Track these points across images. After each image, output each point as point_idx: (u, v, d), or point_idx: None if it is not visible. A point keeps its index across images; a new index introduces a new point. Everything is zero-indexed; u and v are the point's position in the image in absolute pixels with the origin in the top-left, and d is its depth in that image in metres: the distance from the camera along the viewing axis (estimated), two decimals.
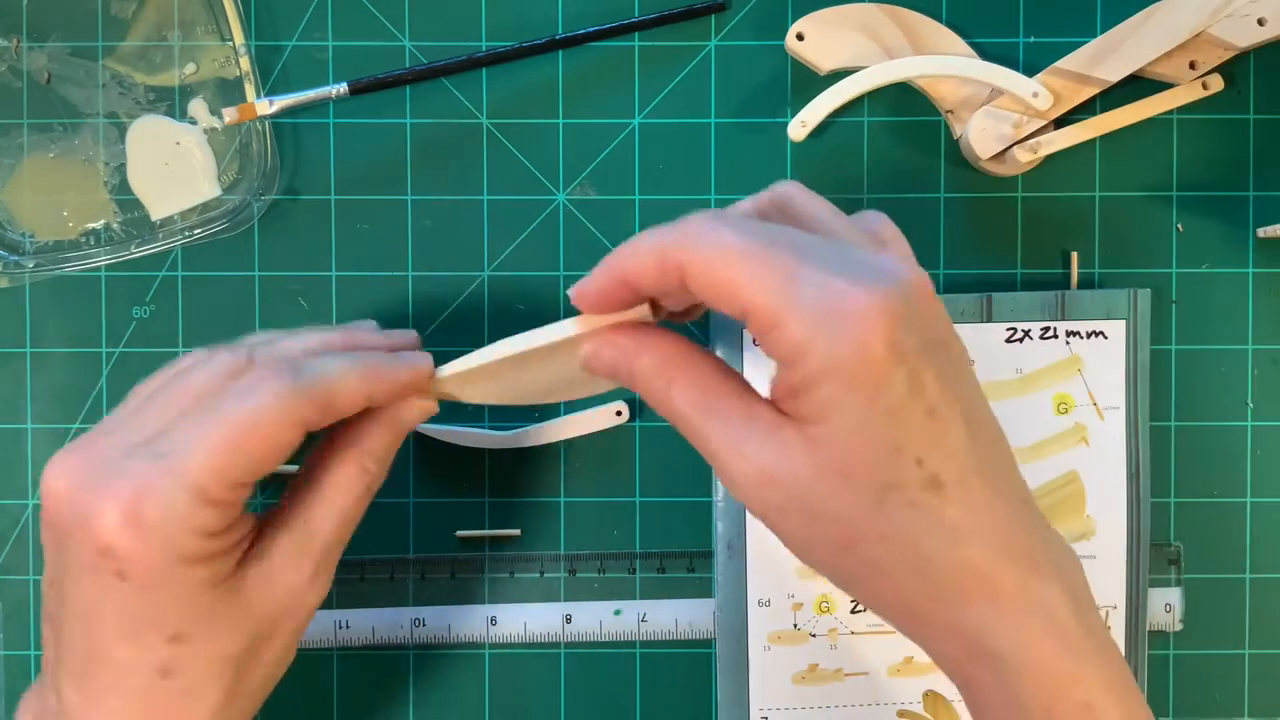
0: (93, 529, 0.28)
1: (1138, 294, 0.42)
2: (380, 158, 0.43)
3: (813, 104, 0.41)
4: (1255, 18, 0.41)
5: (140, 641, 0.30)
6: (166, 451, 0.29)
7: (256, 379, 0.30)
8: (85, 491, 0.29)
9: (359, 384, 0.31)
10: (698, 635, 0.43)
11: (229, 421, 0.29)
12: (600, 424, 0.43)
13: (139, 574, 0.29)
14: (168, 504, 0.28)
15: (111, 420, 0.32)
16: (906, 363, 0.27)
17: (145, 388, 0.33)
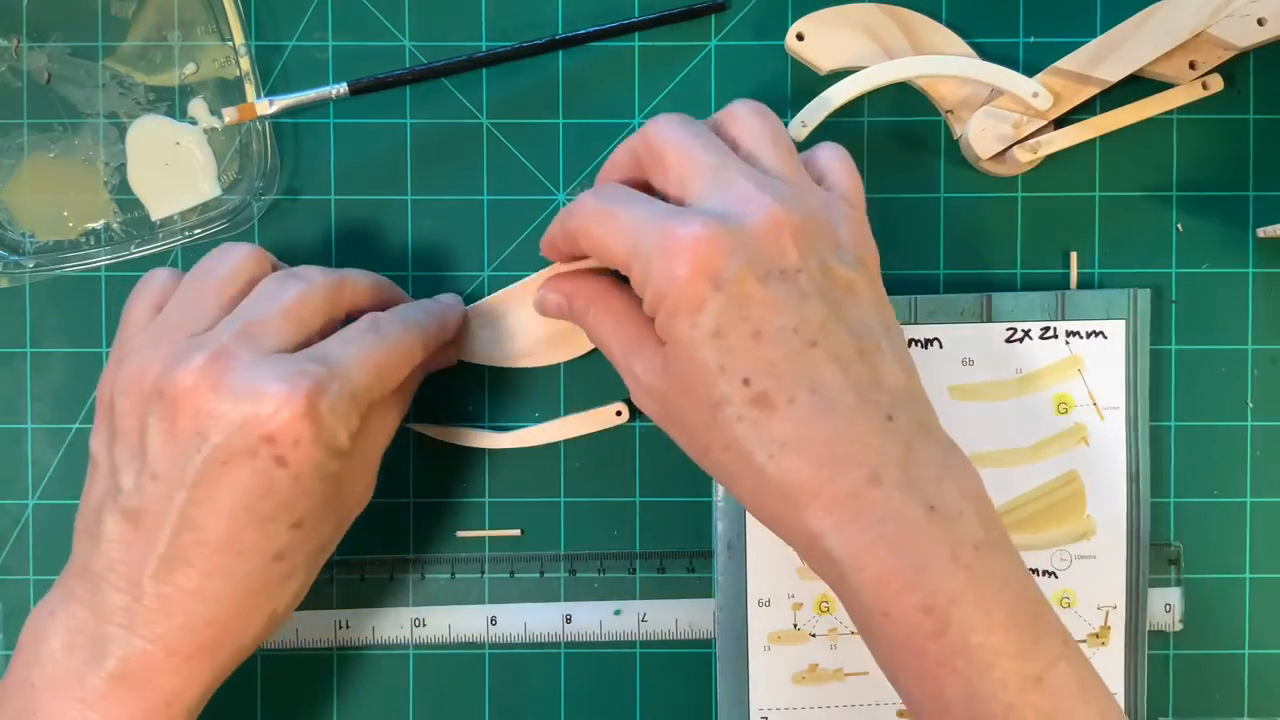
0: (263, 418, 0.32)
1: (1138, 294, 0.42)
2: (380, 158, 0.43)
3: (813, 104, 0.41)
4: (1255, 18, 0.41)
5: (270, 526, 0.33)
6: (334, 362, 0.34)
7: (383, 322, 0.36)
8: (250, 386, 0.32)
9: (439, 333, 0.39)
10: (698, 635, 0.43)
11: (375, 350, 0.35)
12: (600, 424, 0.43)
13: (297, 461, 0.32)
14: (335, 403, 0.33)
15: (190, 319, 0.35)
16: (725, 289, 0.31)
17: (204, 280, 0.36)
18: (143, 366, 0.33)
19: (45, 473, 0.43)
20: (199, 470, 0.32)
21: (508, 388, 0.43)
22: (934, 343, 0.42)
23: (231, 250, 0.36)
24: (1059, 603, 0.42)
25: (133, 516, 0.33)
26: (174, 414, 0.32)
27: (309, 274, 0.36)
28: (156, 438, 0.33)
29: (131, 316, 0.36)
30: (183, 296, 0.36)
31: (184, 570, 0.32)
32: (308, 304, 0.35)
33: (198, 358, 0.32)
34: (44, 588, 0.43)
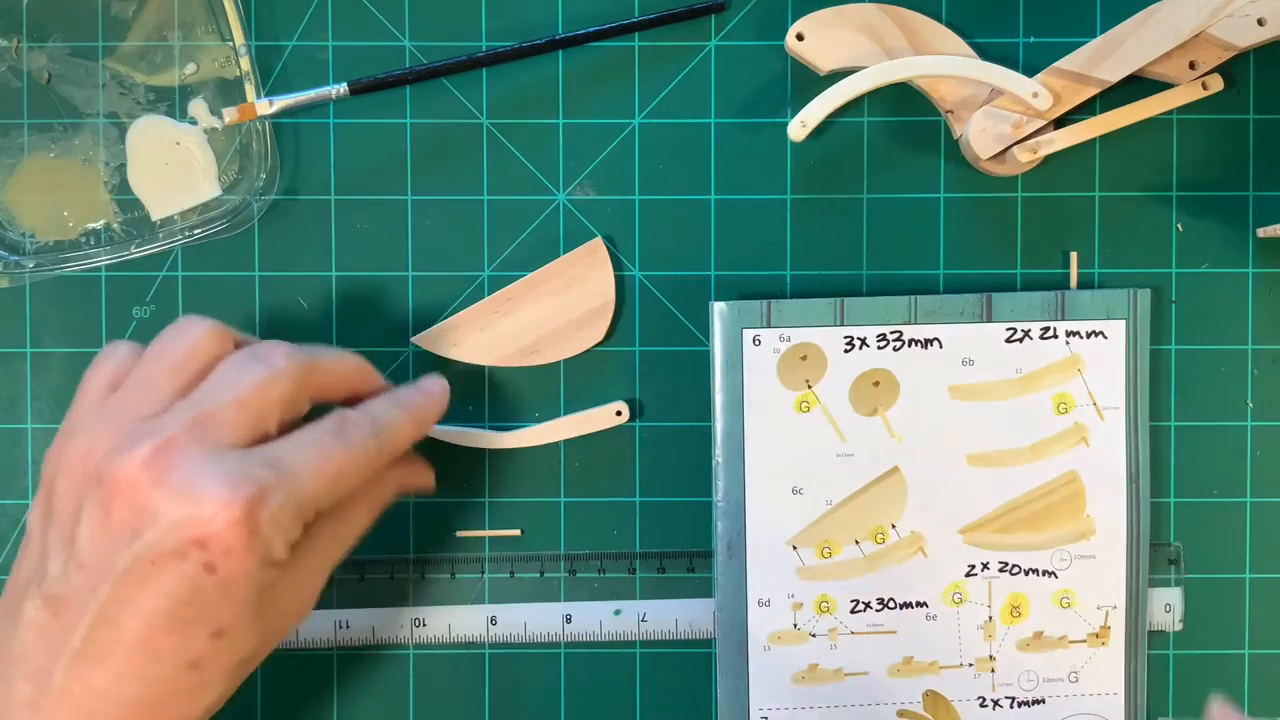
0: (200, 520, 0.30)
1: (1138, 294, 0.42)
2: (380, 158, 0.43)
3: (813, 104, 0.41)
4: (1255, 18, 0.41)
5: (188, 633, 0.31)
6: (284, 467, 0.32)
7: (348, 424, 0.34)
8: (188, 485, 0.30)
9: (413, 430, 0.37)
10: (698, 635, 0.43)
11: (330, 457, 0.33)
12: (600, 424, 0.43)
13: (227, 569, 0.31)
14: (278, 513, 0.31)
15: (142, 401, 0.33)
16: None
17: (161, 360, 0.34)
18: (87, 449, 0.32)
19: None
20: (126, 566, 0.31)
21: (508, 388, 0.43)
22: (934, 343, 0.42)
23: (190, 326, 0.34)
24: (1059, 603, 0.42)
25: (54, 604, 0.32)
26: (110, 504, 0.31)
27: (272, 357, 0.34)
28: (88, 526, 0.31)
29: (87, 390, 0.35)
30: (138, 376, 0.34)
31: (96, 668, 0.31)
32: (267, 394, 0.33)
33: (143, 447, 0.31)
34: None
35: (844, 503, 0.42)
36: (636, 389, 0.43)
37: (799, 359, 0.42)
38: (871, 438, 0.42)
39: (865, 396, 0.42)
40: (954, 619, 0.42)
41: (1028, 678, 0.43)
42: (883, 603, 0.42)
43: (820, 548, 0.42)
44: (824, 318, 0.42)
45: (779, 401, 0.42)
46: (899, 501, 0.42)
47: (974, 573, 0.42)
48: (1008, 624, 0.42)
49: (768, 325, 0.42)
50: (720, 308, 0.42)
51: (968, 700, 0.43)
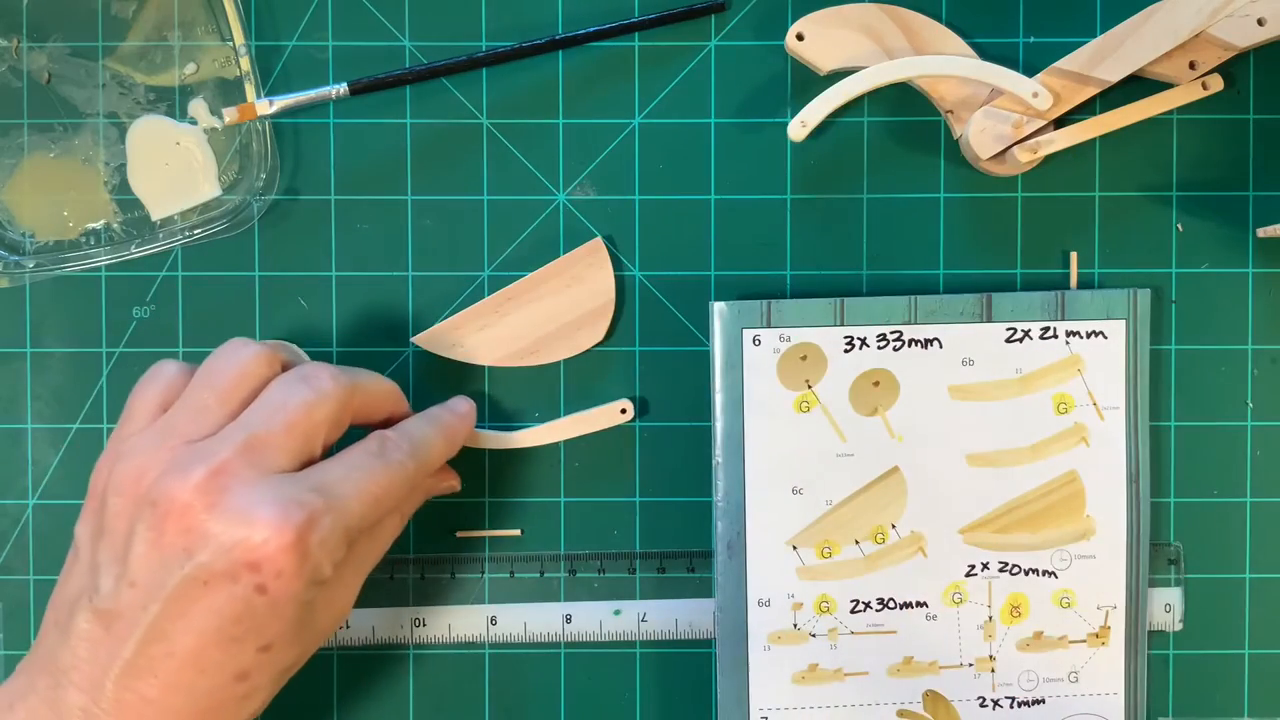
0: (252, 545, 0.32)
1: (1138, 294, 0.42)
2: (380, 158, 0.43)
3: (813, 104, 0.41)
4: (1255, 18, 0.41)
5: (236, 648, 0.33)
6: (331, 493, 0.33)
7: (391, 447, 0.36)
8: (242, 511, 0.32)
9: (448, 449, 0.39)
10: (698, 635, 0.43)
11: (377, 480, 0.35)
12: (604, 423, 0.43)
13: (278, 591, 0.32)
14: (327, 537, 0.33)
15: (192, 425, 0.34)
16: None
17: (212, 383, 0.35)
18: (140, 470, 0.33)
19: (45, 473, 0.43)
20: (177, 585, 0.32)
21: (508, 388, 0.43)
22: (934, 343, 0.42)
23: (239, 350, 0.36)
24: (1059, 603, 0.42)
25: (105, 619, 0.32)
26: (163, 525, 0.32)
27: (319, 380, 0.35)
28: (141, 545, 0.32)
29: (136, 409, 0.36)
30: (188, 399, 0.35)
31: (147, 680, 0.32)
32: (313, 417, 0.34)
33: (196, 472, 0.32)
34: (44, 587, 0.43)
35: (844, 503, 0.42)
36: (637, 389, 0.43)
37: (799, 359, 0.42)
38: (871, 438, 0.42)
39: (865, 396, 0.42)
40: (954, 619, 0.42)
41: (1028, 678, 0.43)
42: (883, 603, 0.42)
43: (820, 548, 0.42)
44: (824, 318, 0.42)
45: (779, 401, 0.42)
46: (899, 501, 0.42)
47: (974, 573, 0.42)
48: (1008, 624, 0.42)
49: (768, 325, 0.42)
50: (720, 308, 0.42)
51: (968, 700, 0.43)
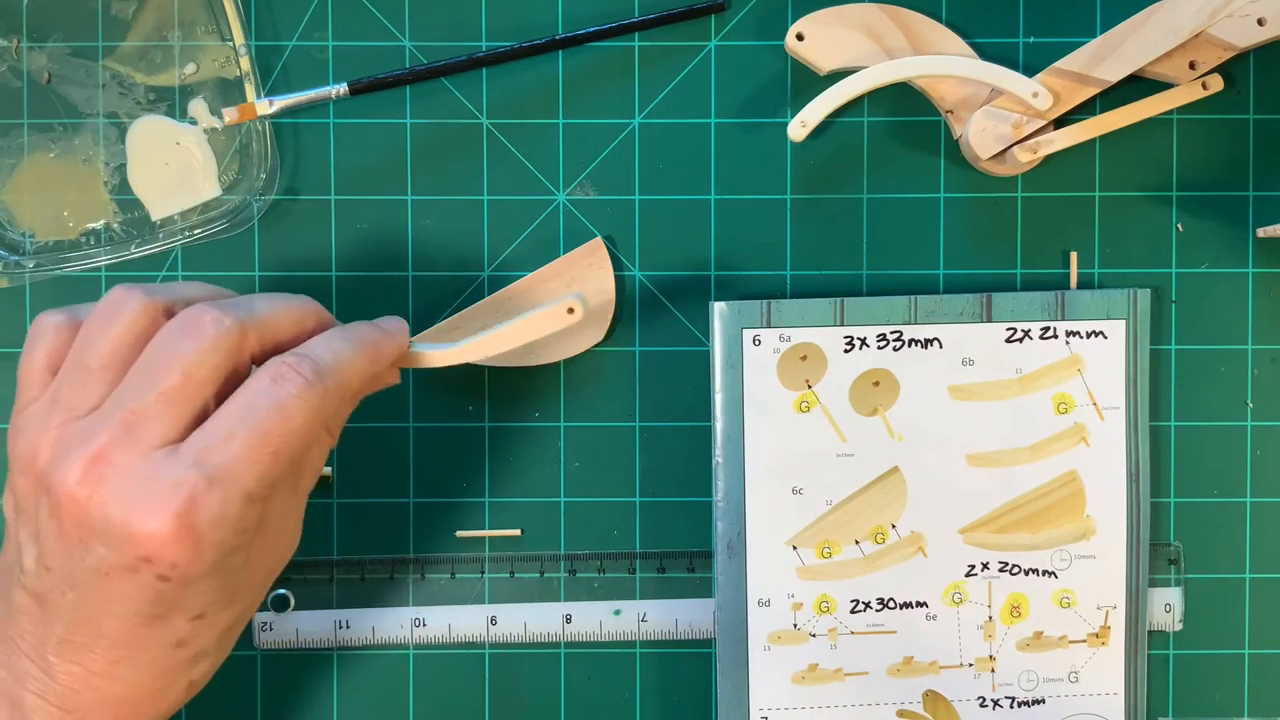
0: (138, 540, 0.30)
1: (1138, 294, 0.42)
2: (380, 158, 0.43)
3: (813, 104, 0.41)
4: (1255, 18, 0.41)
5: (164, 624, 0.32)
6: (211, 462, 0.30)
7: (284, 378, 0.32)
8: (122, 502, 0.30)
9: (370, 364, 0.34)
10: (698, 635, 0.43)
11: (270, 430, 0.31)
12: (550, 326, 0.38)
13: (182, 574, 0.31)
14: (220, 514, 0.30)
15: (76, 396, 0.32)
16: None
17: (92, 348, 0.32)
18: (33, 449, 0.32)
19: None
20: (85, 576, 0.31)
21: (507, 388, 0.43)
22: (934, 343, 0.42)
23: (118, 306, 0.33)
24: (1059, 603, 0.42)
25: (35, 597, 0.32)
26: (60, 516, 0.31)
27: (200, 327, 0.32)
28: (48, 534, 0.31)
29: (25, 376, 0.34)
30: (70, 365, 0.33)
31: (87, 654, 0.32)
32: (194, 378, 0.31)
33: (75, 462, 0.30)
34: None
35: (844, 503, 0.42)
36: (636, 389, 0.43)
37: (799, 359, 0.42)
38: (871, 438, 0.42)
39: (865, 396, 0.42)
40: (954, 619, 0.42)
41: (1028, 678, 0.43)
42: (883, 603, 0.42)
43: (820, 548, 0.42)
44: (824, 318, 0.42)
45: (779, 401, 0.42)
46: (899, 501, 0.42)
47: (974, 573, 0.42)
48: (1008, 624, 0.42)
49: (768, 325, 0.42)
50: (720, 308, 0.42)
51: (968, 700, 0.43)
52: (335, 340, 0.34)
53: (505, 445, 0.43)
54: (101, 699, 0.32)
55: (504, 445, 0.43)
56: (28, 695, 0.32)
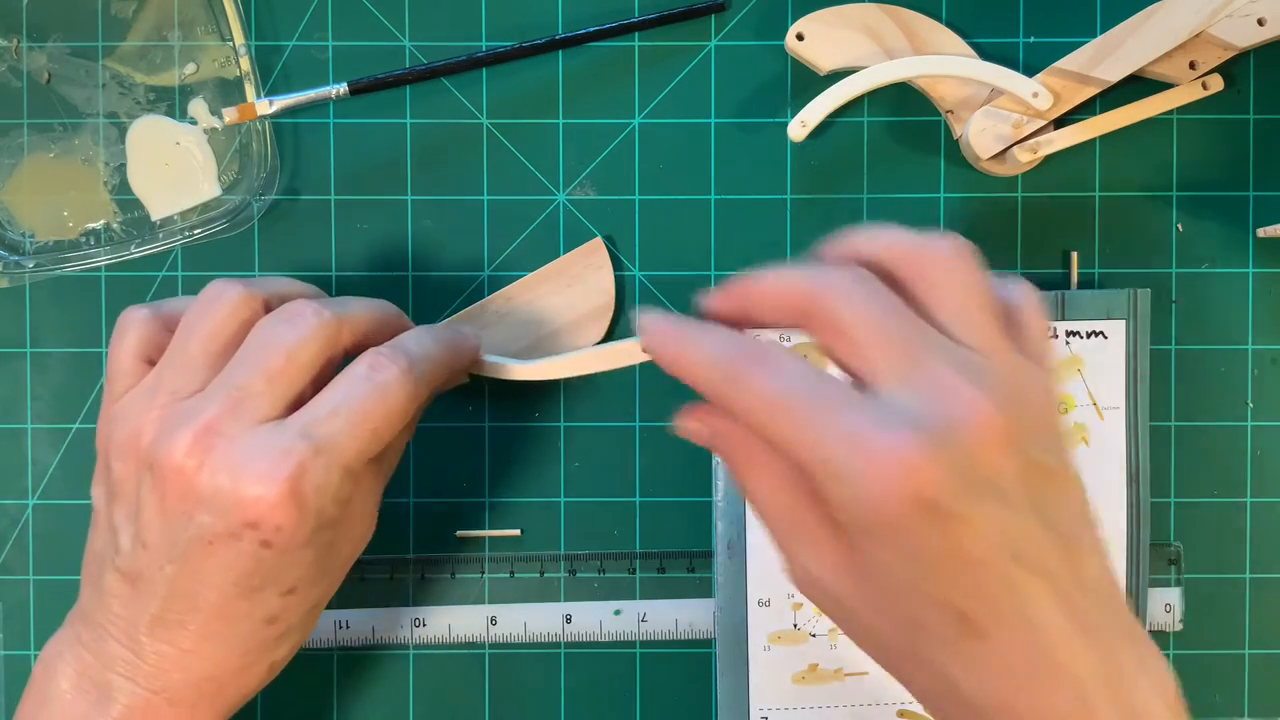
0: (246, 504, 0.31)
1: (1138, 294, 0.42)
2: (380, 158, 0.43)
3: (813, 104, 0.41)
4: (1255, 18, 0.41)
5: (258, 596, 0.33)
6: (317, 434, 0.32)
7: (382, 367, 0.34)
8: (232, 470, 0.31)
9: (451, 361, 0.37)
10: (698, 635, 0.43)
11: (370, 410, 0.33)
12: (624, 360, 0.38)
13: (284, 542, 0.32)
14: (323, 483, 0.32)
15: (179, 379, 0.33)
16: (934, 516, 0.27)
17: (195, 335, 0.34)
18: (135, 432, 0.33)
19: (45, 473, 0.43)
20: (186, 546, 0.32)
21: (507, 388, 0.43)
22: None
23: (219, 296, 0.35)
24: None
25: (129, 578, 0.33)
26: (164, 489, 0.32)
27: (302, 319, 0.34)
28: (148, 509, 0.33)
29: (118, 366, 0.35)
30: (173, 352, 0.35)
31: (179, 632, 0.33)
32: (296, 361, 0.33)
33: (184, 434, 0.32)
34: (44, 587, 0.43)
35: None
36: (636, 389, 0.43)
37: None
38: None
39: None
40: None
41: None
42: None
43: None
44: None
45: None
46: None
47: None
48: None
49: None
50: None
51: None
52: (423, 337, 0.36)
53: (505, 445, 0.43)
54: (189, 678, 0.33)
55: (504, 445, 0.43)
56: (115, 678, 0.33)
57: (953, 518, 0.27)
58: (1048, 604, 0.28)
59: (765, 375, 0.29)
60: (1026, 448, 0.28)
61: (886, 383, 0.28)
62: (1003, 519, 0.27)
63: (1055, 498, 0.29)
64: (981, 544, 0.27)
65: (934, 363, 0.28)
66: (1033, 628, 0.28)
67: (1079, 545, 0.29)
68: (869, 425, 0.27)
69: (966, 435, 0.27)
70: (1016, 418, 0.28)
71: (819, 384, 0.28)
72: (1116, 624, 0.30)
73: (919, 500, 0.26)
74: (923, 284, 0.30)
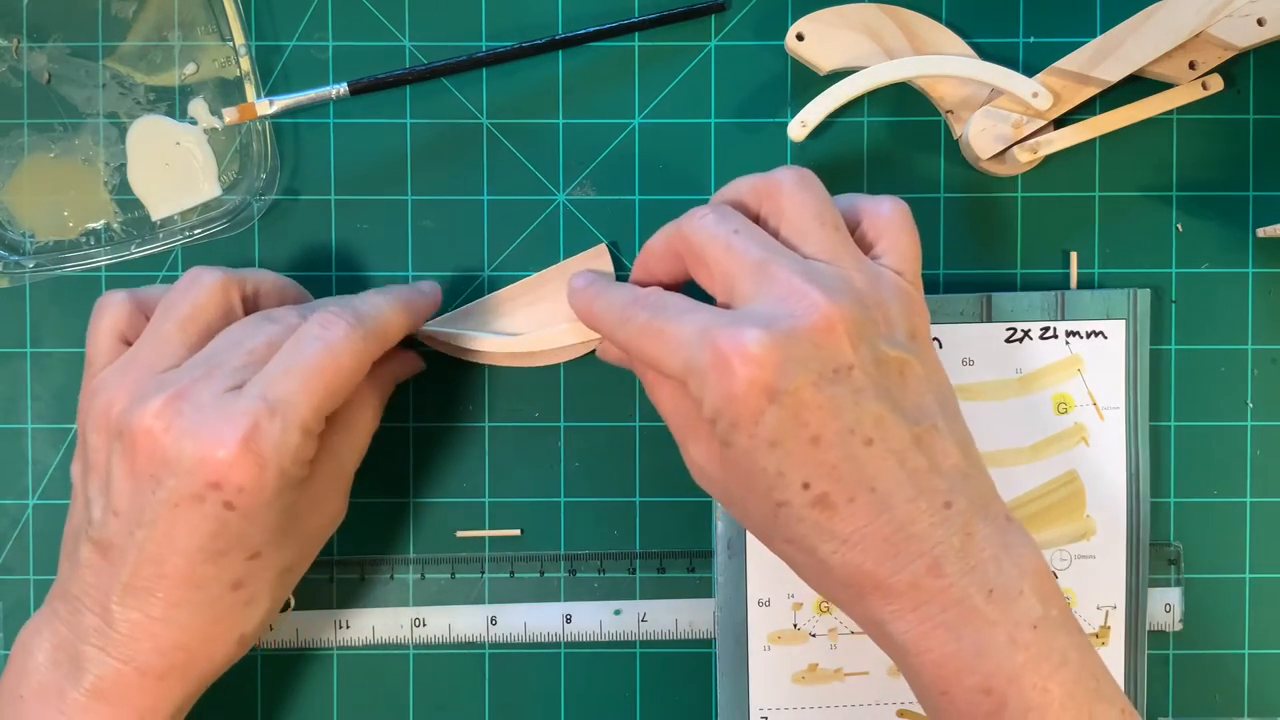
0: (208, 464, 0.32)
1: (1138, 294, 0.42)
2: (380, 158, 0.43)
3: (813, 104, 0.41)
4: (1255, 18, 0.41)
5: (224, 560, 0.34)
6: (271, 394, 0.33)
7: (330, 324, 0.35)
8: (194, 432, 0.32)
9: (403, 316, 0.38)
10: (698, 635, 0.43)
11: (321, 367, 0.34)
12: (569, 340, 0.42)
13: (246, 502, 0.33)
14: (281, 440, 0.33)
15: (154, 355, 0.35)
16: (780, 401, 0.30)
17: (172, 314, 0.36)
18: (109, 403, 0.34)
19: (45, 473, 0.43)
20: (154, 511, 0.33)
21: (507, 388, 0.43)
22: (934, 343, 0.42)
23: (197, 279, 0.36)
24: None
25: (101, 547, 0.34)
26: (133, 454, 0.33)
27: (284, 317, 0.36)
28: (118, 476, 0.34)
29: (96, 345, 0.37)
30: (151, 332, 0.36)
31: (148, 599, 0.34)
32: (274, 344, 0.35)
33: (156, 399, 0.33)
34: (44, 587, 0.43)
35: None
36: (637, 389, 0.43)
37: None
38: None
39: None
40: None
41: None
42: None
43: None
44: None
45: None
46: None
47: None
48: None
49: None
50: None
51: None
52: (373, 295, 0.38)
53: (505, 445, 0.43)
54: (159, 646, 0.34)
55: (504, 445, 0.43)
56: (87, 649, 0.34)
57: (796, 402, 0.30)
58: (897, 480, 0.31)
59: (643, 311, 0.34)
60: (871, 340, 0.32)
61: (744, 296, 0.32)
62: (848, 403, 0.31)
63: (905, 385, 0.32)
64: (826, 425, 0.31)
65: (781, 271, 0.32)
66: (883, 501, 0.31)
67: (933, 430, 0.32)
68: (719, 327, 0.31)
69: (805, 328, 0.31)
70: (857, 312, 0.31)
71: (683, 306, 0.33)
72: (976, 506, 0.32)
73: (763, 387, 0.30)
74: (772, 212, 0.34)
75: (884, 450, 0.31)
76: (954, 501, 0.32)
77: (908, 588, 0.32)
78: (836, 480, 0.31)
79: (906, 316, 0.33)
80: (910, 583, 0.31)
